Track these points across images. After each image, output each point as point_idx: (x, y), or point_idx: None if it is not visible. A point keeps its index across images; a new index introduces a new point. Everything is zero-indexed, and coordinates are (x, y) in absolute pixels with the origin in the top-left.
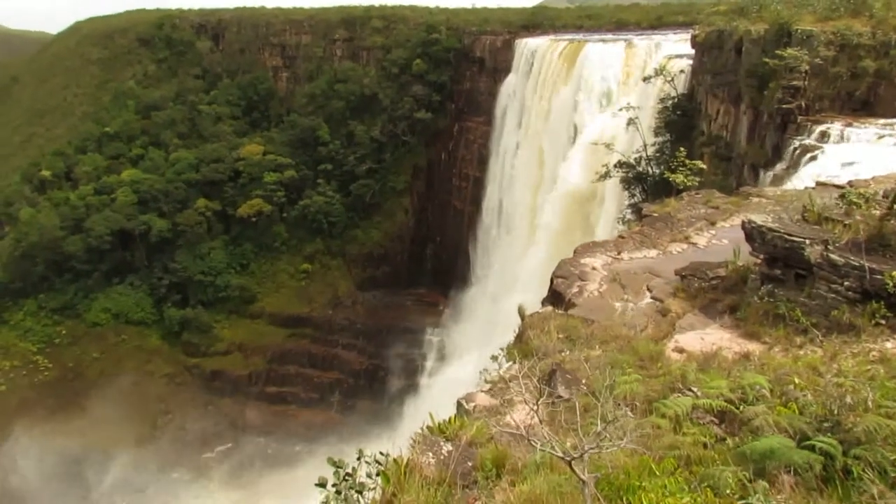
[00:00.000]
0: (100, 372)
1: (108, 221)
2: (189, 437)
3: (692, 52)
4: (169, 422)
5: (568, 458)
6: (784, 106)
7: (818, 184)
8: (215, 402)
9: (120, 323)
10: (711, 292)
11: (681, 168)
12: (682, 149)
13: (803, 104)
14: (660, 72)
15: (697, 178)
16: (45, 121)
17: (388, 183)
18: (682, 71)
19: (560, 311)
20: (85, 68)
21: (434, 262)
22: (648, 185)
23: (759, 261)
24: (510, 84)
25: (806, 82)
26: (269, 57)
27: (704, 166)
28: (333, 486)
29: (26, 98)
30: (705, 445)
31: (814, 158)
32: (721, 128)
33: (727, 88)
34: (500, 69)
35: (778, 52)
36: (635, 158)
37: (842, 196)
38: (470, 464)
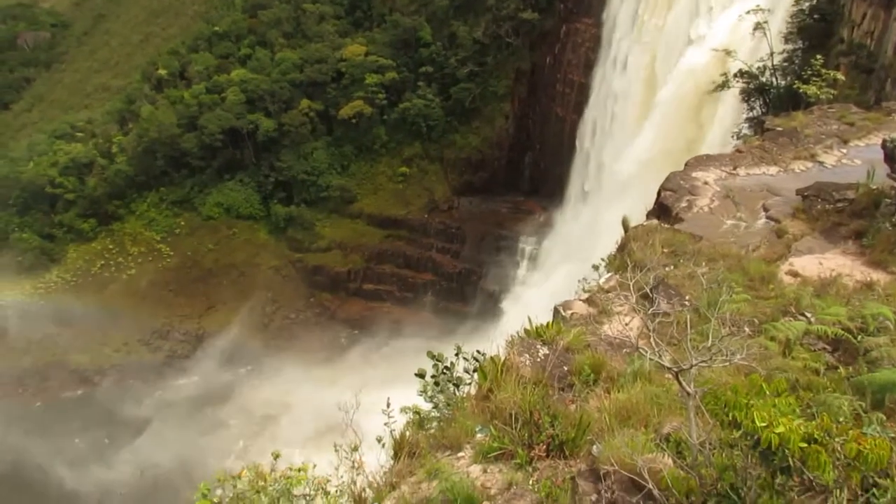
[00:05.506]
0: (214, 261)
1: (219, 120)
2: (293, 326)
3: None
4: (276, 310)
5: (675, 369)
6: None
7: None
8: (316, 295)
9: (231, 217)
10: (836, 215)
11: (814, 78)
12: (818, 56)
13: None
14: None
15: (832, 91)
16: (161, 20)
17: (488, 87)
18: None
19: (666, 226)
20: None
21: (532, 170)
22: (771, 98)
23: None
24: None
25: None
26: None
27: (842, 77)
28: (432, 377)
29: None
30: (817, 372)
31: None
32: (865, 35)
33: None
34: None
35: None
36: (759, 68)
37: None
38: (566, 368)
